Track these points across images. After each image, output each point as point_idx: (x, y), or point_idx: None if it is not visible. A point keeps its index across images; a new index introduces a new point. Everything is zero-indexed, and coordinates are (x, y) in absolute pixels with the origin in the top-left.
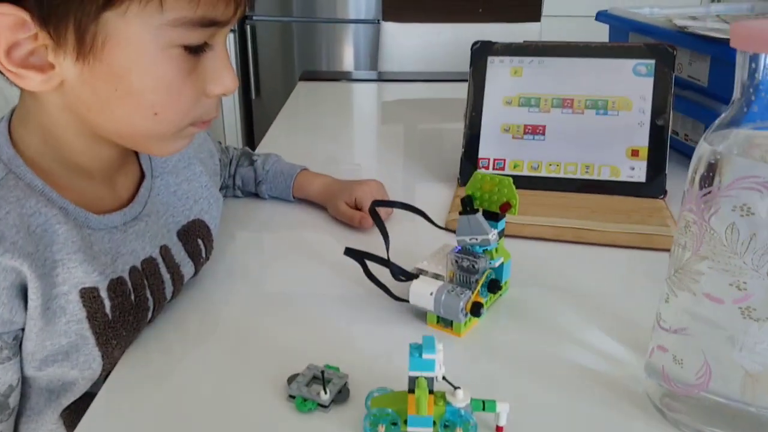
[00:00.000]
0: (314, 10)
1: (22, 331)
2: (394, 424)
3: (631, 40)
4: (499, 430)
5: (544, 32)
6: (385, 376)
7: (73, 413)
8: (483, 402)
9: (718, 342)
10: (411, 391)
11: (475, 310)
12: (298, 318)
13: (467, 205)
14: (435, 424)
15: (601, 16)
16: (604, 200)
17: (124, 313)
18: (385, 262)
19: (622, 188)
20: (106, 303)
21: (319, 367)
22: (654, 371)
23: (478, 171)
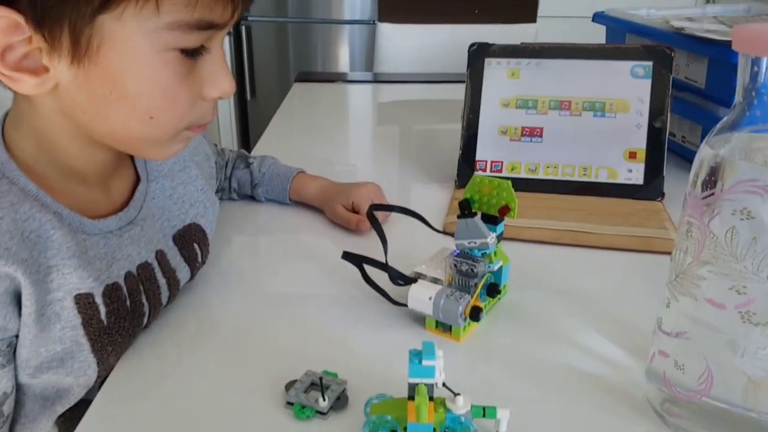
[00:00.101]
0: (309, 11)
1: (16, 338)
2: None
3: (628, 41)
4: None
5: (540, 33)
6: (384, 382)
7: (68, 420)
8: (483, 408)
9: (720, 347)
10: (411, 398)
11: (475, 314)
12: (296, 323)
13: (465, 209)
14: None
15: (598, 18)
16: (602, 203)
17: (120, 319)
18: (384, 266)
19: (620, 190)
20: (102, 309)
21: (318, 374)
22: (655, 376)
23: (477, 174)
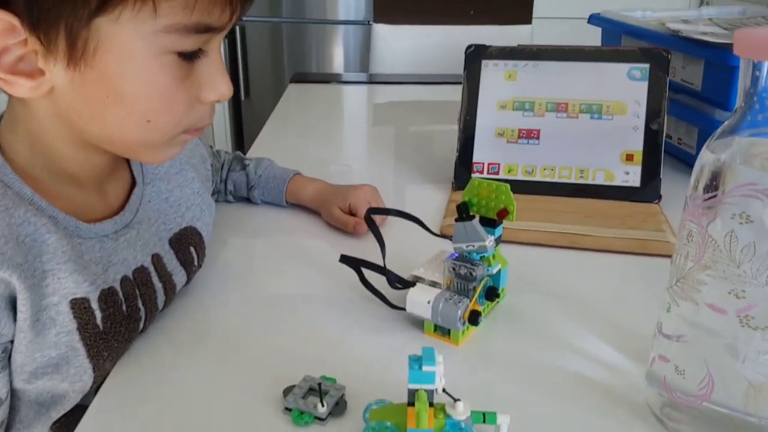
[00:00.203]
0: (304, 11)
1: (11, 343)
2: None
3: (624, 43)
4: None
5: (536, 34)
6: (383, 387)
7: (63, 426)
8: (483, 414)
9: (721, 352)
10: (410, 404)
11: (473, 318)
12: (293, 326)
13: (463, 212)
14: None
15: (594, 20)
16: (599, 205)
17: (116, 324)
18: (382, 270)
19: (617, 193)
20: (97, 314)
21: (316, 379)
22: (655, 381)
23: (476, 177)
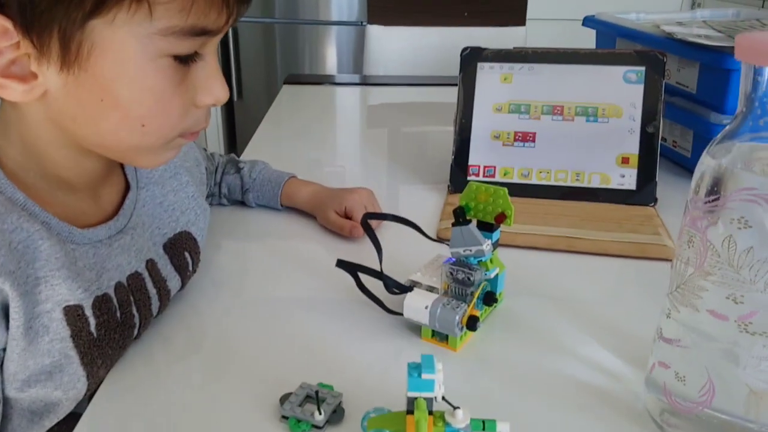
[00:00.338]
0: (296, 12)
1: (4, 351)
2: None
3: (619, 45)
4: None
5: (530, 36)
6: (381, 393)
7: None
8: (483, 422)
9: (722, 358)
10: (409, 412)
11: (471, 323)
12: (289, 332)
13: (459, 216)
14: None
15: (589, 22)
16: (595, 208)
17: (110, 331)
18: (379, 275)
19: (613, 196)
20: (91, 321)
21: (313, 387)
22: (655, 387)
23: (473, 182)
